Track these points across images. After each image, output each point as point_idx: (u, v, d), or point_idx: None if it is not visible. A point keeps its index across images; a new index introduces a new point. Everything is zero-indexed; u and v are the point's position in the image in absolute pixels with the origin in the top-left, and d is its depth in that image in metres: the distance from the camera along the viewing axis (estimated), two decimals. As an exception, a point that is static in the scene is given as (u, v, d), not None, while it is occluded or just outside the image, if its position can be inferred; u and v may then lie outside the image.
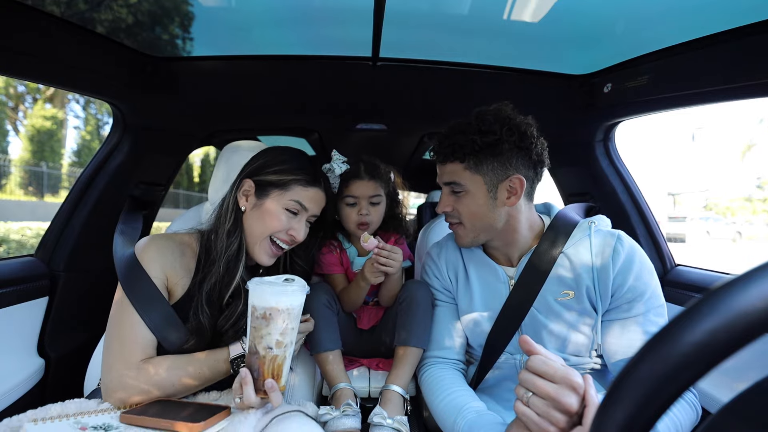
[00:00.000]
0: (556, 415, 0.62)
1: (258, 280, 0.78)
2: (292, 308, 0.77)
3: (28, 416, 0.77)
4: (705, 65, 1.02)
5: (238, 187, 0.96)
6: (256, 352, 0.76)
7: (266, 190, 0.95)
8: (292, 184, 0.95)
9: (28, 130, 13.58)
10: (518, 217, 0.96)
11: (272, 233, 0.95)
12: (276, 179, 0.95)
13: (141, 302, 0.87)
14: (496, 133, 0.89)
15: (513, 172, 0.91)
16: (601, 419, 0.28)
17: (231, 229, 0.94)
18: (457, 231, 1.01)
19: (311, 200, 0.97)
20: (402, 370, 1.06)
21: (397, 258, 1.08)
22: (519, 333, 0.96)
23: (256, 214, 0.95)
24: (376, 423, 0.96)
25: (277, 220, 0.94)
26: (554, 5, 0.99)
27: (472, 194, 0.94)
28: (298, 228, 0.97)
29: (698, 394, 0.85)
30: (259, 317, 0.76)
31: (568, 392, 0.61)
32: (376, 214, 1.23)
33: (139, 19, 1.09)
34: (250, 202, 0.96)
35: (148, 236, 0.96)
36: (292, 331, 0.78)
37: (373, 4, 0.99)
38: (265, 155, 0.99)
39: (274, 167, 0.96)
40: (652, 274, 0.89)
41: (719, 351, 0.24)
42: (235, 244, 0.93)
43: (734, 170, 23.31)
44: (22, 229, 7.34)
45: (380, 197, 1.23)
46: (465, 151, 0.91)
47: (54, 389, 1.22)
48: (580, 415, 0.62)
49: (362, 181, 1.21)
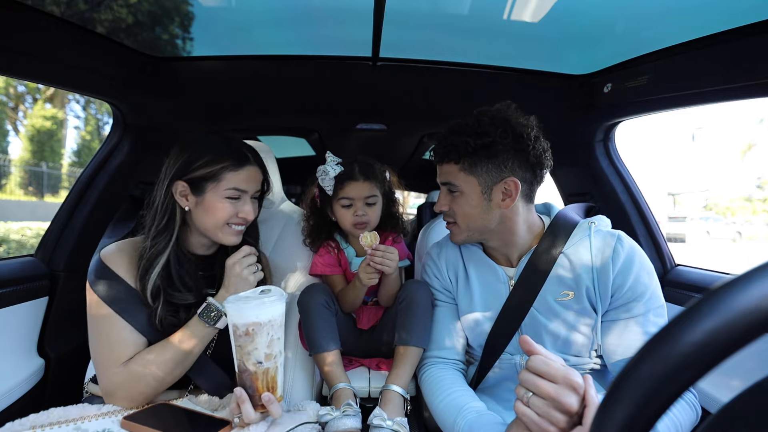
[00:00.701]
0: (556, 415, 0.62)
1: (234, 298, 0.77)
2: (273, 319, 0.76)
3: (31, 420, 0.77)
4: (705, 65, 1.02)
5: (169, 188, 0.94)
6: (246, 369, 0.76)
7: (200, 185, 0.94)
8: (223, 173, 0.94)
9: (28, 130, 13.59)
10: (514, 219, 0.95)
11: (225, 222, 0.96)
12: (206, 173, 0.93)
13: (121, 306, 0.88)
14: (491, 135, 0.89)
15: (508, 175, 0.91)
16: (601, 419, 0.28)
17: (162, 229, 0.93)
18: (452, 229, 1.02)
19: (247, 181, 0.97)
20: (402, 369, 1.06)
21: (392, 258, 1.08)
22: (519, 333, 0.96)
23: (201, 211, 0.95)
24: (375, 425, 0.96)
25: (223, 210, 0.94)
26: (554, 5, 0.99)
27: (467, 195, 0.94)
28: (247, 210, 0.97)
29: (698, 394, 0.85)
30: (242, 335, 0.75)
31: (569, 392, 0.61)
32: (373, 214, 1.22)
33: (139, 19, 1.09)
34: (191, 201, 0.94)
35: (115, 243, 0.96)
36: (278, 341, 0.78)
37: (373, 4, 0.99)
38: (184, 151, 0.95)
39: (199, 161, 0.93)
40: (652, 275, 0.89)
41: (719, 351, 0.24)
42: (162, 243, 0.93)
43: (734, 170, 23.34)
44: (22, 229, 7.33)
45: (376, 197, 1.23)
46: (460, 152, 0.92)
47: (54, 389, 1.22)
48: (580, 415, 0.62)
49: (357, 182, 1.19)
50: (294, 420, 0.84)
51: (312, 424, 0.86)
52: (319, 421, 0.93)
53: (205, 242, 1.03)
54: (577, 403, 0.61)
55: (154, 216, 0.94)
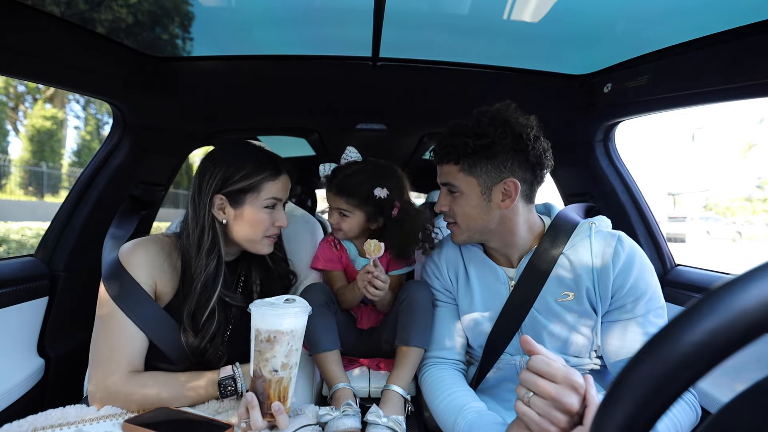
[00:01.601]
0: (557, 415, 0.62)
1: (260, 303, 0.77)
2: (296, 330, 0.76)
3: (29, 421, 0.76)
4: (705, 65, 1.02)
5: (209, 205, 0.93)
6: (262, 376, 0.75)
7: (240, 198, 0.94)
8: (262, 183, 0.95)
9: (28, 130, 13.58)
10: (514, 219, 0.95)
11: (264, 234, 0.97)
12: (246, 185, 0.93)
13: (131, 306, 0.87)
14: (490, 135, 0.89)
15: (508, 175, 0.91)
16: (601, 419, 0.28)
17: (210, 248, 0.92)
18: (452, 230, 1.02)
19: (283, 190, 0.99)
20: (403, 370, 1.06)
21: (379, 285, 1.07)
22: (519, 334, 0.96)
23: (240, 223, 0.95)
24: (371, 421, 0.96)
25: (262, 222, 0.95)
26: (554, 5, 0.99)
27: (466, 195, 0.94)
28: (281, 217, 0.99)
29: (698, 394, 0.85)
30: (264, 340, 0.75)
31: (569, 392, 0.62)
32: (346, 224, 1.22)
33: (139, 19, 1.09)
34: (229, 214, 0.95)
35: (134, 240, 0.95)
36: (296, 353, 0.77)
37: (373, 4, 0.99)
38: (219, 164, 0.94)
39: (239, 174, 0.93)
40: (653, 276, 0.89)
41: (719, 351, 0.24)
42: (213, 262, 0.92)
43: (734, 170, 23.29)
44: (22, 229, 7.33)
45: (348, 212, 1.21)
46: (459, 153, 0.92)
47: (54, 389, 1.22)
48: (580, 415, 0.62)
49: (329, 193, 1.23)
50: (293, 423, 0.84)
51: (312, 426, 0.86)
52: (319, 421, 0.93)
53: (233, 251, 1.03)
54: (578, 402, 0.61)
55: (201, 234, 0.92)
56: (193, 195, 0.95)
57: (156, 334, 0.89)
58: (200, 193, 0.93)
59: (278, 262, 1.12)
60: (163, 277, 0.93)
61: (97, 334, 0.89)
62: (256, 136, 1.91)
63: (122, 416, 0.82)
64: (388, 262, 1.28)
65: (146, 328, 0.88)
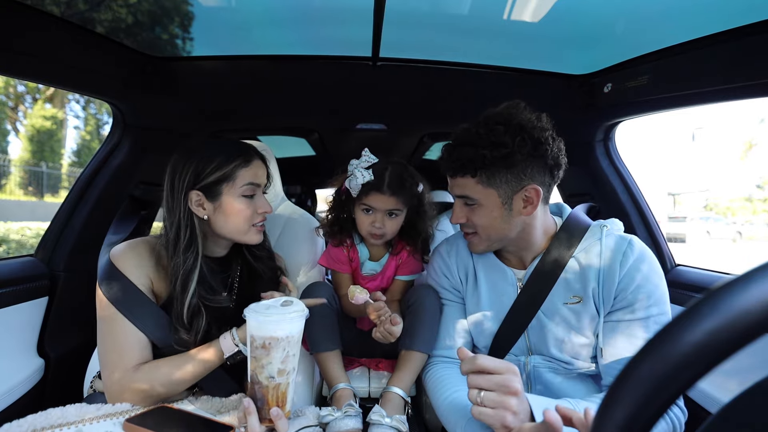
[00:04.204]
0: (509, 400, 0.67)
1: (254, 307, 0.75)
2: (292, 335, 0.75)
3: (29, 422, 0.76)
4: (705, 65, 1.02)
5: (185, 202, 0.92)
6: (259, 382, 0.74)
7: (215, 190, 0.93)
8: (236, 171, 0.93)
9: (28, 130, 13.58)
10: (534, 224, 0.93)
11: (249, 224, 0.96)
12: (220, 175, 0.92)
13: (128, 307, 0.87)
14: (508, 145, 0.84)
15: (528, 182, 0.87)
16: (601, 419, 0.28)
17: (187, 246, 0.92)
18: (471, 240, 0.98)
19: (257, 174, 0.97)
20: (405, 373, 1.05)
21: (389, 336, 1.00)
22: (525, 335, 0.96)
23: (221, 216, 0.94)
24: (374, 421, 0.96)
25: (243, 211, 0.94)
26: (554, 5, 0.99)
27: (486, 207, 0.90)
28: (263, 203, 0.98)
29: (698, 394, 0.85)
30: (259, 347, 0.73)
31: (514, 377, 0.69)
32: (392, 226, 1.17)
33: (139, 19, 1.09)
34: (208, 209, 0.94)
35: (125, 242, 0.95)
36: (293, 358, 0.76)
37: (373, 4, 0.99)
38: (189, 160, 0.93)
39: (210, 165, 0.92)
40: (661, 280, 0.87)
41: (719, 351, 0.24)
42: (191, 258, 0.91)
43: (734, 170, 23.29)
44: (22, 229, 7.32)
45: (399, 211, 1.17)
46: (476, 166, 0.87)
47: (54, 389, 1.22)
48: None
49: (382, 195, 1.13)
50: (294, 425, 0.84)
51: (313, 427, 0.86)
52: (321, 422, 0.93)
53: (222, 244, 1.02)
54: (520, 382, 0.70)
55: (177, 232, 0.92)
56: (166, 194, 0.94)
57: (154, 332, 0.89)
58: (173, 191, 0.93)
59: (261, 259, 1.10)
60: (158, 276, 0.93)
61: (102, 336, 0.89)
62: (256, 136, 1.91)
63: (122, 416, 0.82)
64: (397, 266, 1.27)
65: (144, 327, 0.88)
